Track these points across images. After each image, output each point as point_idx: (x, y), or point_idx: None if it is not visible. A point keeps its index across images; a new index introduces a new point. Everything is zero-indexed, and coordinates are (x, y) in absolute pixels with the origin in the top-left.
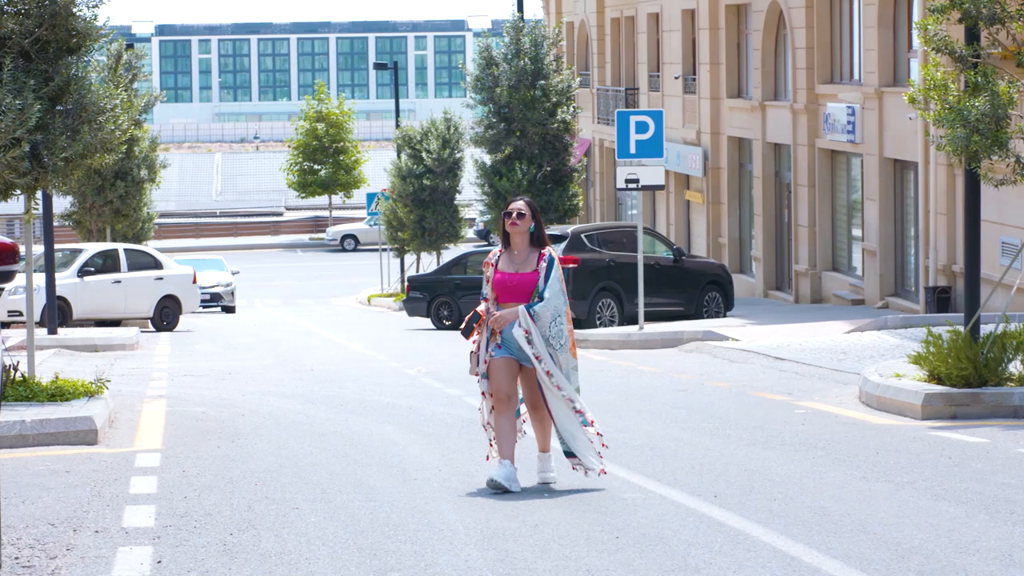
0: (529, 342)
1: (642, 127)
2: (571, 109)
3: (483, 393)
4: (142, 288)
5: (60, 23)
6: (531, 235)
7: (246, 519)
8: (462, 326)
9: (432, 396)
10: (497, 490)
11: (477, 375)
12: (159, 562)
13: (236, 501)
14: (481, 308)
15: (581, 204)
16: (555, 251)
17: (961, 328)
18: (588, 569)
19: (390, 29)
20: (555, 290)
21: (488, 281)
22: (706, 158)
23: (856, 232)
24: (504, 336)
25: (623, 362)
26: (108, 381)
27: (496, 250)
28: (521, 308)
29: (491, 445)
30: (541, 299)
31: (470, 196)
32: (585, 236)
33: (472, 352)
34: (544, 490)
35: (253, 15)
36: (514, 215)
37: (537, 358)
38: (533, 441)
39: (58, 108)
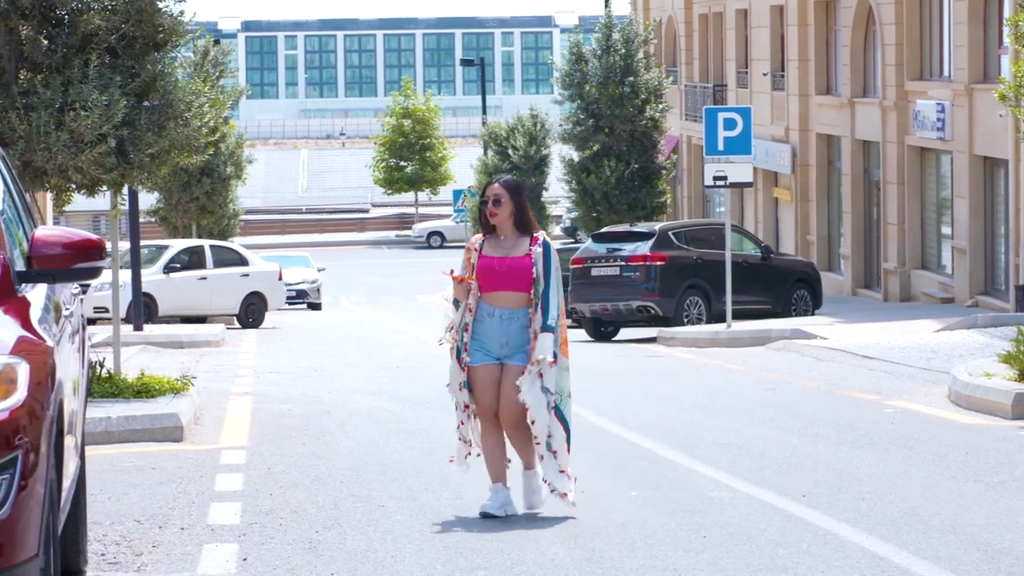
0: (540, 376)
1: (730, 124)
2: (660, 106)
3: (467, 406)
4: (228, 285)
5: (146, 19)
6: (514, 218)
7: (332, 517)
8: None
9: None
10: (491, 518)
11: (460, 388)
12: (244, 559)
13: (322, 499)
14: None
15: (669, 201)
16: (548, 236)
17: None
18: (675, 568)
19: (477, 25)
20: (559, 286)
21: (471, 269)
22: (794, 155)
23: (945, 230)
24: (480, 333)
25: (711, 360)
26: (194, 378)
27: (479, 236)
28: (546, 338)
29: (466, 443)
30: (546, 303)
31: (557, 193)
32: (673, 233)
33: (451, 348)
34: (630, 488)
35: (339, 11)
36: (490, 203)
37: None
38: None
39: (144, 104)
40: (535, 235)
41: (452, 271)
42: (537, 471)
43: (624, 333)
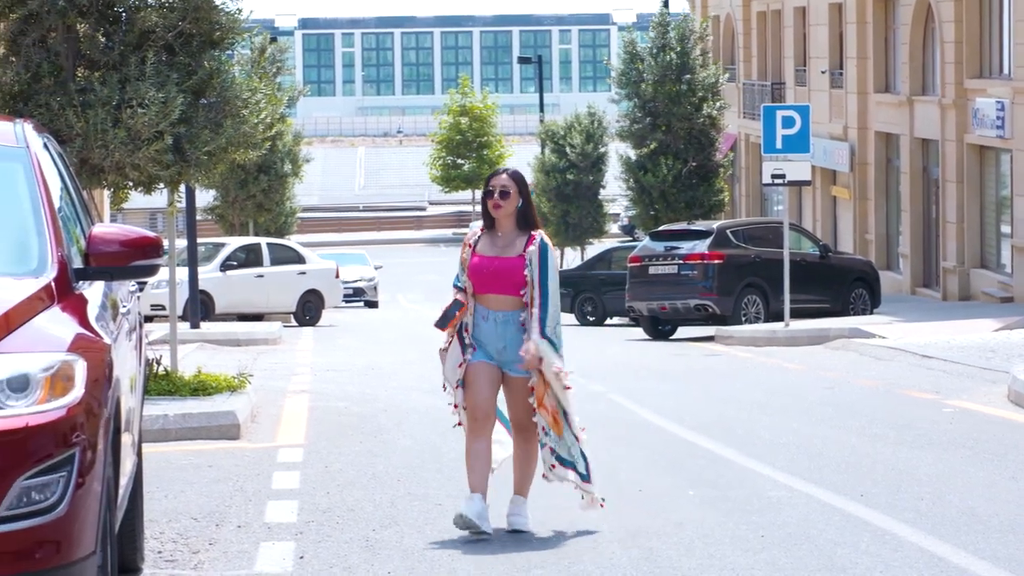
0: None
1: (788, 122)
2: (717, 104)
3: (456, 406)
4: (284, 282)
5: (203, 16)
6: (519, 213)
7: (389, 515)
8: (438, 317)
9: (576, 392)
10: (468, 529)
11: (456, 386)
12: (301, 557)
13: (379, 497)
14: (461, 297)
15: (726, 200)
16: (546, 236)
17: None
18: (733, 568)
19: (534, 23)
20: (556, 290)
21: (464, 267)
22: (853, 153)
23: (1005, 229)
24: (478, 335)
25: (769, 359)
26: (250, 376)
27: (477, 228)
28: (540, 345)
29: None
30: (544, 309)
31: (614, 191)
32: (731, 232)
33: (442, 350)
34: (688, 487)
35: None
36: (496, 194)
37: (559, 372)
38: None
39: (201, 102)
40: (533, 233)
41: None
42: (526, 500)
43: (681, 332)
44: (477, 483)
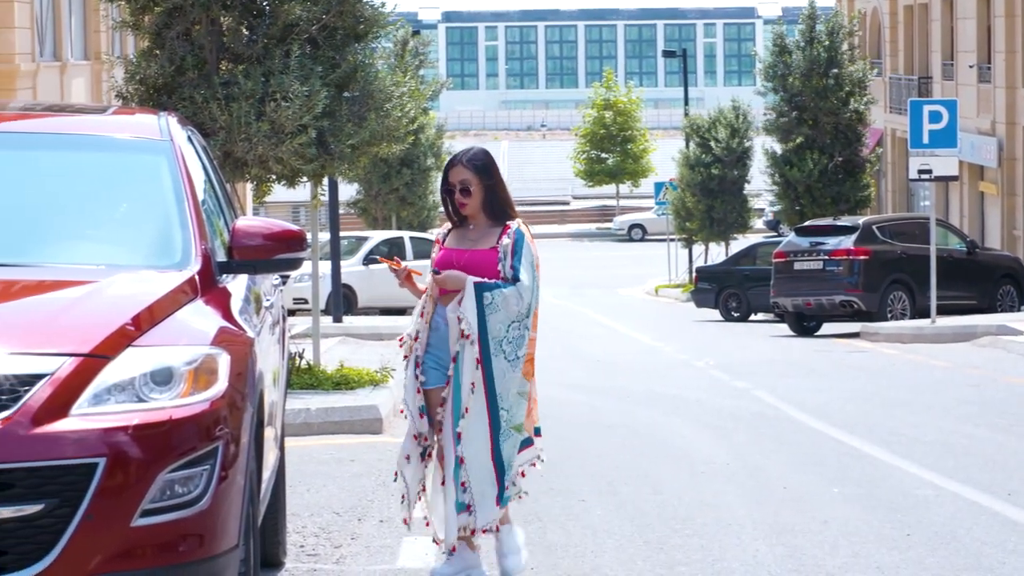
0: (468, 339)
1: (935, 117)
2: (864, 99)
3: (419, 436)
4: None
5: (347, 10)
6: (485, 203)
7: (532, 511)
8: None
9: (720, 388)
10: None
11: (421, 415)
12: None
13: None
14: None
15: (873, 195)
16: (525, 227)
17: None
18: (878, 566)
19: (679, 16)
20: (529, 278)
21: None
22: (1001, 148)
23: None
24: (434, 341)
25: (914, 356)
26: (393, 370)
27: (446, 225)
28: (469, 281)
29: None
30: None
31: (759, 186)
32: (877, 228)
33: (399, 339)
34: (833, 484)
35: (540, 2)
36: (457, 191)
37: (476, 360)
38: None
39: (344, 95)
40: (508, 224)
41: (395, 259)
42: (514, 527)
43: (827, 328)
44: (454, 535)
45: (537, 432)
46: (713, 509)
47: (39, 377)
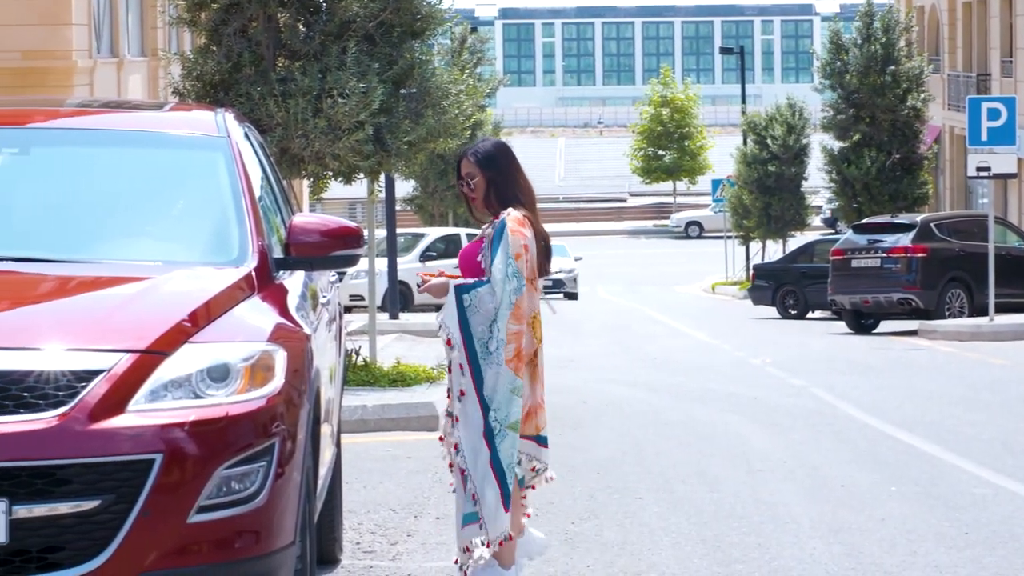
0: (450, 344)
1: (994, 114)
2: (921, 95)
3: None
4: None
5: (404, 6)
6: (486, 195)
7: (588, 508)
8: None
9: (777, 386)
10: None
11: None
12: None
13: (578, 490)
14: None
15: (930, 192)
16: (514, 215)
17: None
18: (936, 565)
19: (736, 13)
20: (500, 270)
21: None
22: None
23: None
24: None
25: (972, 354)
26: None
27: None
28: (451, 286)
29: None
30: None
31: (817, 183)
32: (935, 225)
33: (447, 340)
34: (890, 483)
35: None
36: (465, 185)
37: (460, 367)
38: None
39: (401, 92)
40: (500, 213)
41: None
42: (530, 530)
43: (884, 325)
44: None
45: (542, 441)
46: (770, 507)
47: (96, 373)
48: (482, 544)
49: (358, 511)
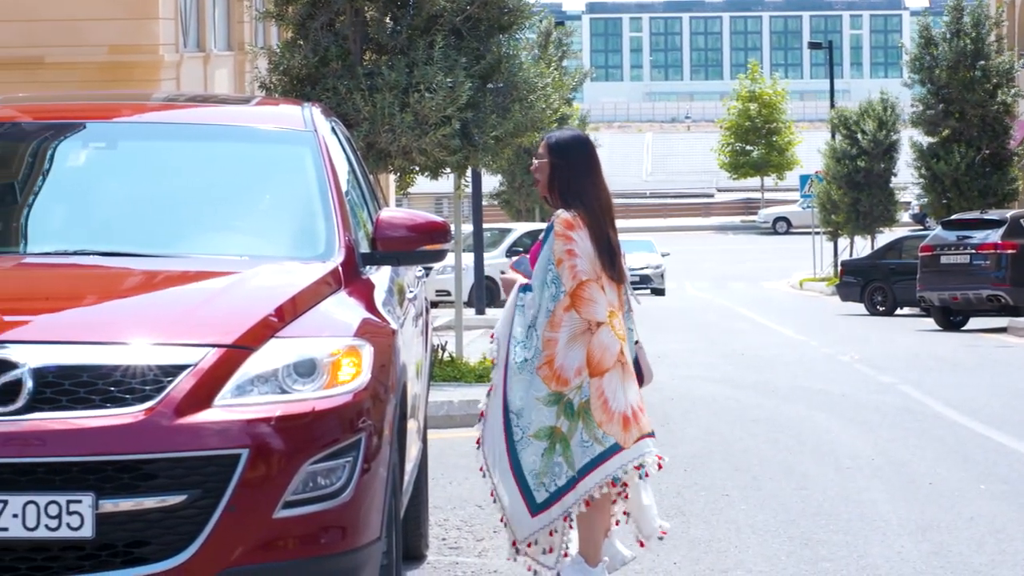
0: (492, 340)
1: None
2: (1012, 91)
3: None
4: None
5: (492, 1)
6: (550, 183)
7: (675, 505)
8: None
9: (865, 383)
10: None
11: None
12: None
13: (665, 487)
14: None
15: (1021, 189)
16: (563, 217)
17: None
18: None
19: (825, 8)
20: (538, 277)
21: None
22: None
23: None
24: None
25: None
26: None
27: None
28: (516, 284)
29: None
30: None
31: (906, 179)
32: None
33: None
34: (979, 481)
35: None
36: (533, 160)
37: (493, 361)
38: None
39: (488, 86)
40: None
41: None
42: (617, 544)
43: (973, 322)
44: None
45: (615, 449)
46: (858, 505)
47: (182, 368)
48: (511, 543)
49: (444, 507)
